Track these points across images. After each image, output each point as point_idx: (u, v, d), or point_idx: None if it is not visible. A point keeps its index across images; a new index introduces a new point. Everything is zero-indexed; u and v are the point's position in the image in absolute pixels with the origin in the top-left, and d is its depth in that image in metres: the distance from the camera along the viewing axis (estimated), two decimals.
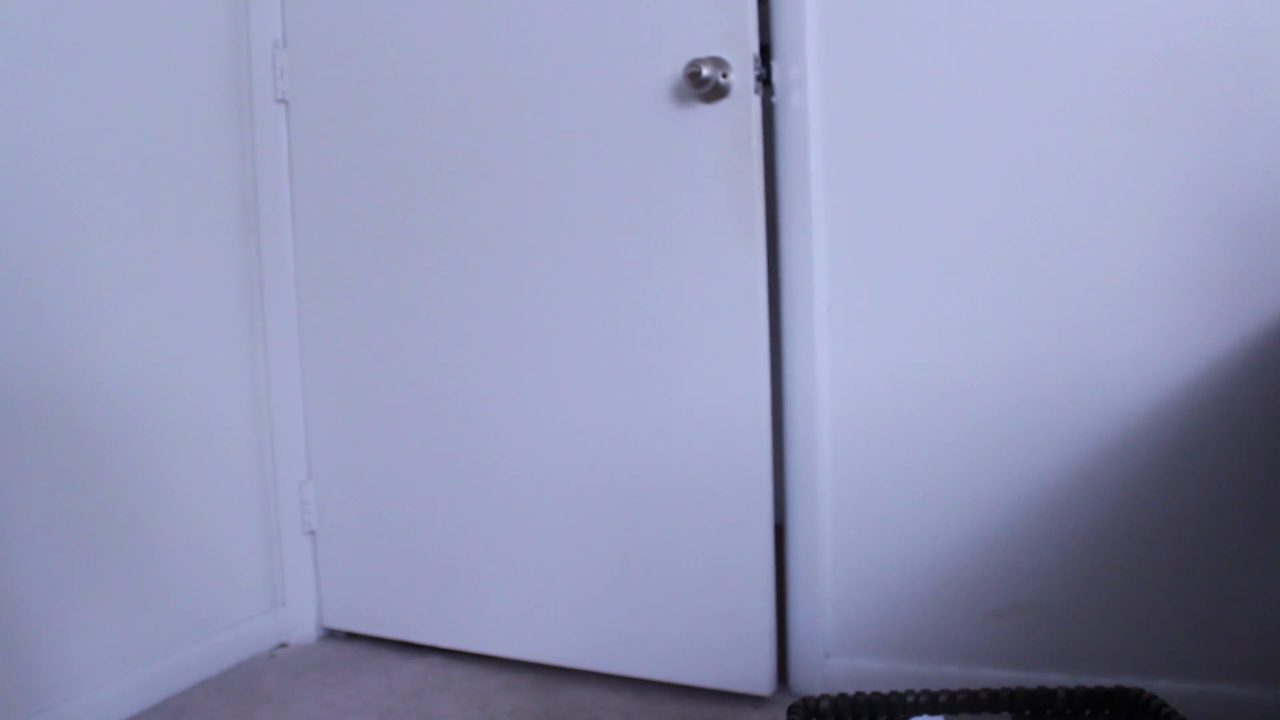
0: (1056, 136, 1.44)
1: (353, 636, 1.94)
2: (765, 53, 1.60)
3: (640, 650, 1.62)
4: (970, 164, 1.48)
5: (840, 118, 1.55)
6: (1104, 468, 1.45)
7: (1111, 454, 1.44)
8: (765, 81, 1.54)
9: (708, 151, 1.51)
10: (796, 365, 1.57)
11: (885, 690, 1.51)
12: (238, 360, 1.85)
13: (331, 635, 1.96)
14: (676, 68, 1.51)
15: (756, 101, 1.48)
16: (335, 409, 1.86)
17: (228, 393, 1.83)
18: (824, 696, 1.22)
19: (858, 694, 1.22)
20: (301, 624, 1.93)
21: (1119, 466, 1.44)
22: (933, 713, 1.22)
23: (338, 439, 1.86)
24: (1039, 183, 1.45)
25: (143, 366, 1.65)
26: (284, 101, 1.86)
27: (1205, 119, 1.38)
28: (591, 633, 1.65)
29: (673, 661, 1.59)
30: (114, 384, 1.60)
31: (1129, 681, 1.45)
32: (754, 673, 1.54)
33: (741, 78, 1.48)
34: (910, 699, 1.22)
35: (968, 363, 1.50)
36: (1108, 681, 1.46)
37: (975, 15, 1.46)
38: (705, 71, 1.44)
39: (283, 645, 1.92)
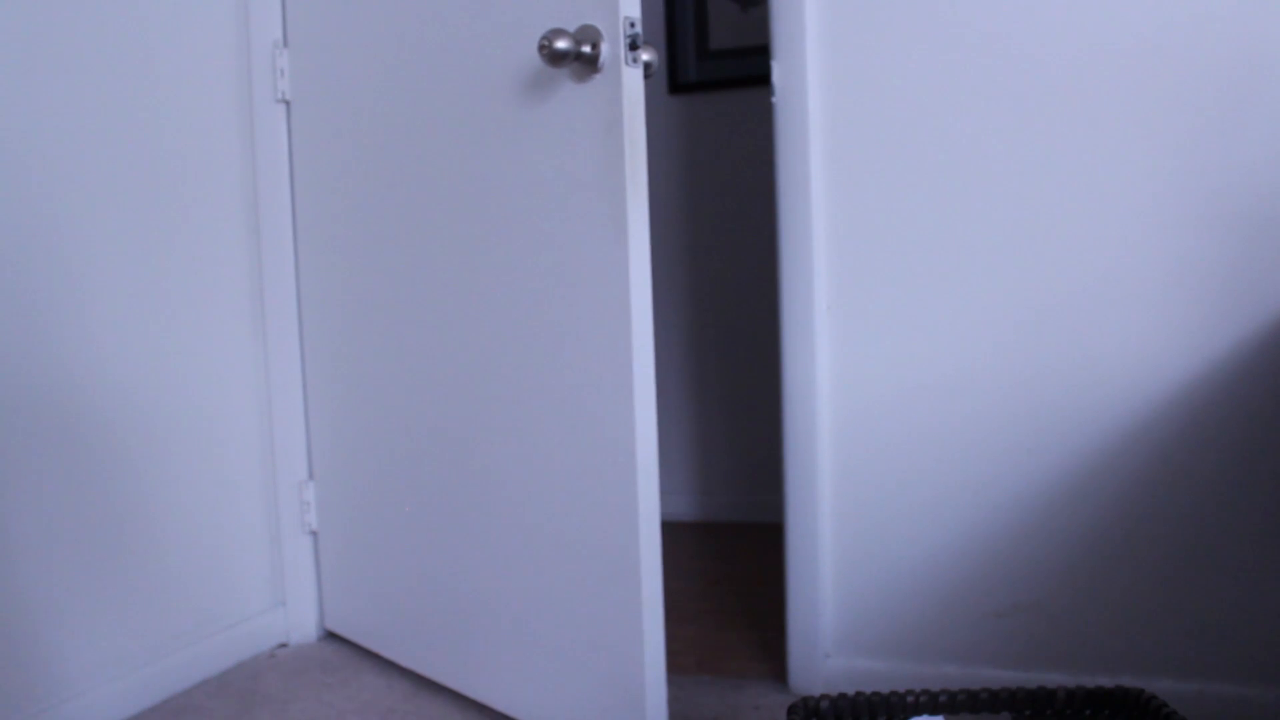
0: (1055, 133, 1.44)
1: None
2: (764, 51, 1.58)
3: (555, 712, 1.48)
4: (969, 162, 1.48)
5: (840, 118, 1.55)
6: (1105, 467, 1.45)
7: (1112, 454, 1.44)
8: (636, 48, 1.27)
9: (582, 138, 1.30)
10: (796, 365, 1.58)
11: (885, 690, 1.51)
12: (239, 359, 1.85)
13: (332, 635, 1.96)
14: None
15: (632, 75, 1.24)
16: (336, 409, 1.86)
17: (228, 391, 1.83)
18: (824, 696, 1.22)
19: (858, 694, 1.22)
20: (302, 624, 1.93)
21: (1119, 466, 1.44)
22: (933, 713, 1.22)
23: (339, 440, 1.86)
24: (1038, 180, 1.45)
25: (144, 365, 1.65)
26: (284, 101, 1.87)
27: (1204, 115, 1.38)
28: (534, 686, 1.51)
29: None
30: (115, 383, 1.60)
31: (1129, 681, 1.45)
32: None
33: (612, 48, 1.23)
34: (910, 699, 1.22)
35: (968, 363, 1.50)
36: (1108, 681, 1.46)
37: (973, 16, 1.46)
38: (560, 44, 1.22)
39: (283, 645, 1.92)
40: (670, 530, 2.70)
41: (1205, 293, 1.39)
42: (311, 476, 1.92)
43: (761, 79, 2.66)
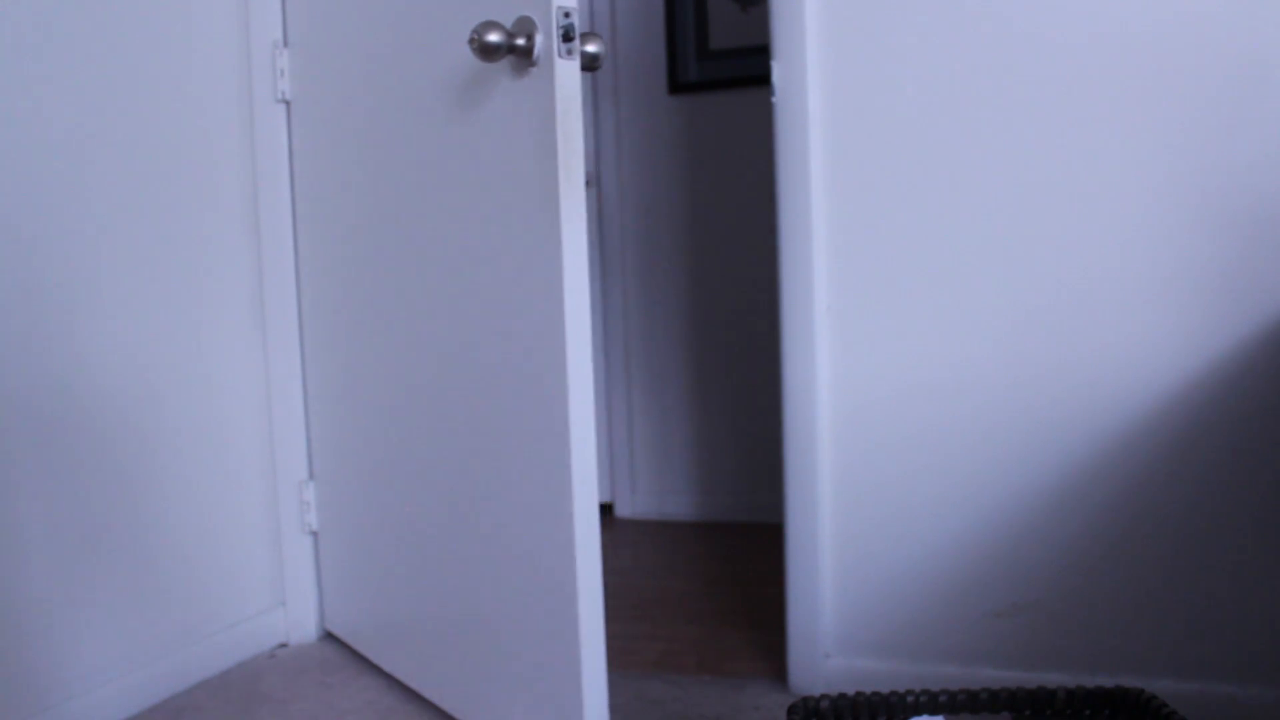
0: (1054, 134, 1.44)
1: None
2: (764, 51, 1.58)
3: None
4: (968, 162, 1.48)
5: (840, 118, 1.55)
6: (1104, 466, 1.45)
7: (1112, 454, 1.44)
8: (570, 39, 1.21)
9: (521, 134, 1.26)
10: (796, 365, 1.58)
11: (885, 690, 1.51)
12: (239, 359, 1.85)
13: (331, 636, 1.96)
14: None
15: (566, 67, 1.19)
16: (336, 409, 1.86)
17: (229, 391, 1.83)
18: (824, 696, 1.22)
19: (858, 694, 1.22)
20: (302, 624, 1.93)
21: (1119, 465, 1.44)
22: (933, 713, 1.22)
23: (339, 439, 1.86)
24: (1037, 180, 1.45)
25: (144, 365, 1.65)
26: (284, 101, 1.87)
27: (1202, 115, 1.38)
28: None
29: None
30: (116, 383, 1.60)
31: (1129, 681, 1.45)
32: None
33: (546, 39, 1.19)
34: (910, 699, 1.22)
35: (967, 363, 1.50)
36: (1108, 681, 1.46)
37: (972, 16, 1.46)
38: (491, 38, 1.17)
39: (283, 645, 1.92)
40: (670, 530, 2.70)
41: (1203, 293, 1.39)
42: (312, 476, 1.92)
43: (761, 79, 2.66)
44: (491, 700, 1.46)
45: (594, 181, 2.84)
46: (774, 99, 1.58)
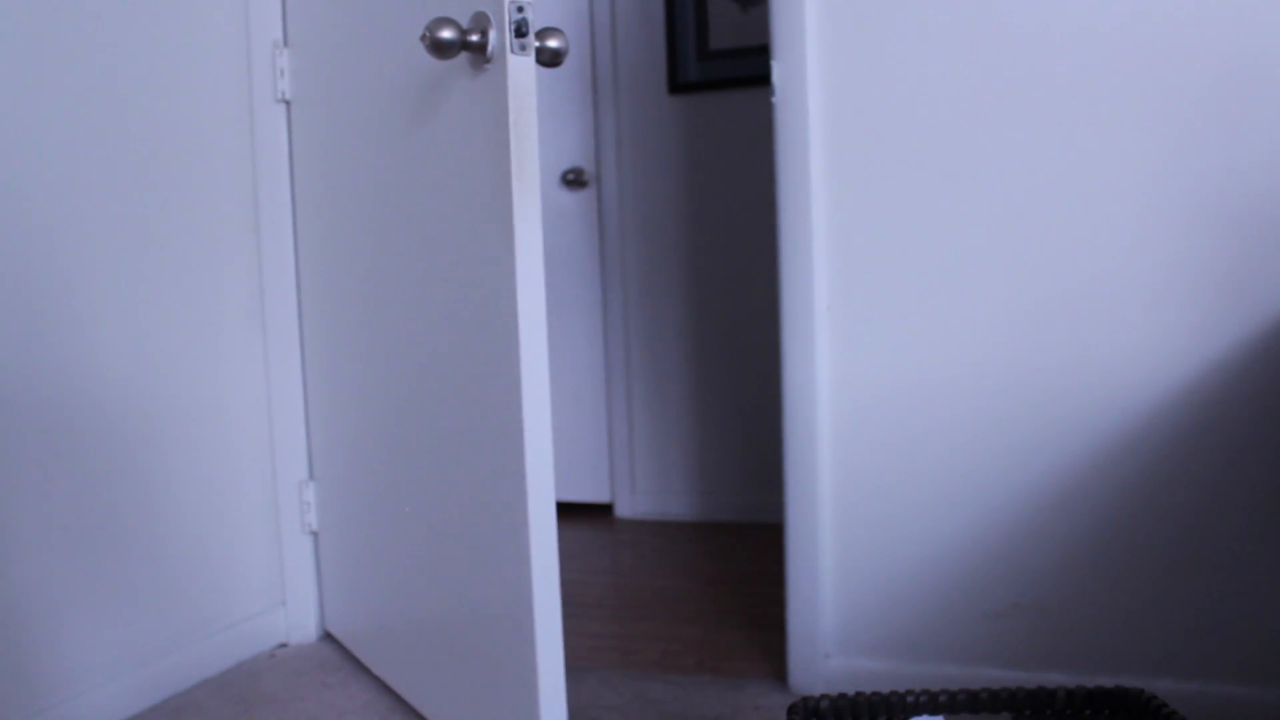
0: (1053, 134, 1.44)
1: None
2: (764, 51, 1.58)
3: None
4: (968, 162, 1.48)
5: (840, 118, 1.55)
6: (1104, 466, 1.45)
7: (1111, 453, 1.44)
8: (523, 34, 1.16)
9: (478, 133, 1.24)
10: (796, 365, 1.58)
11: (885, 690, 1.51)
12: (239, 359, 1.85)
13: (331, 636, 1.96)
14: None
15: (520, 64, 1.16)
16: (336, 409, 1.86)
17: (229, 391, 1.83)
18: (824, 696, 1.22)
19: (858, 694, 1.22)
20: (302, 624, 1.93)
21: (1118, 465, 1.44)
22: (933, 713, 1.22)
23: (339, 440, 1.86)
24: (1037, 180, 1.45)
25: (143, 365, 1.65)
26: (284, 101, 1.86)
27: (1202, 116, 1.38)
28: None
29: None
30: (114, 383, 1.60)
31: (1129, 681, 1.45)
32: None
33: (500, 35, 1.16)
34: (910, 699, 1.22)
35: (968, 363, 1.50)
36: (1108, 681, 1.46)
37: (972, 17, 1.46)
38: (444, 34, 1.14)
39: (283, 645, 1.92)
40: (670, 530, 2.70)
41: (1202, 293, 1.39)
42: (312, 476, 1.92)
43: (761, 79, 2.66)
44: (459, 704, 1.46)
45: (594, 181, 2.84)
46: (774, 99, 1.58)
